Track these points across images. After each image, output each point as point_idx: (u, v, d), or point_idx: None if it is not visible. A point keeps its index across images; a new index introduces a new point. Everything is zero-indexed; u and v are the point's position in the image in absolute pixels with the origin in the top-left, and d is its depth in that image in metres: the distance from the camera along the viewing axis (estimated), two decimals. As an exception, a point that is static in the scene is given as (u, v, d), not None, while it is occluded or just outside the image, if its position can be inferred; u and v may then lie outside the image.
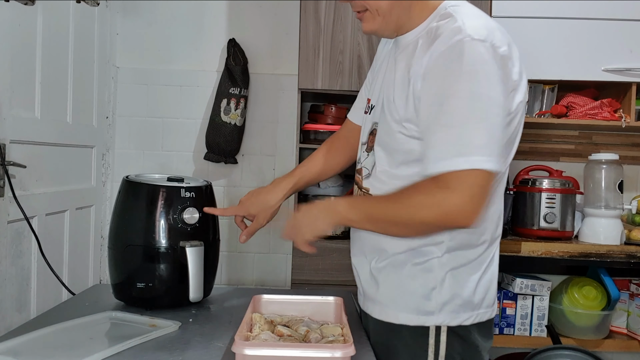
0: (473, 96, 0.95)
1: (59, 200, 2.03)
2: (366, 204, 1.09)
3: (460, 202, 0.94)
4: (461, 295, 1.09)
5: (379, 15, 1.08)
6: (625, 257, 2.14)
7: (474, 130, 0.95)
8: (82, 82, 2.24)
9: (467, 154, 0.94)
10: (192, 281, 1.23)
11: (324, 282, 2.08)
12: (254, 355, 0.89)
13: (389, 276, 1.13)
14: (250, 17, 2.61)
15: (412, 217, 1.00)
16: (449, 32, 0.98)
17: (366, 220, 1.05)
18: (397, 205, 1.01)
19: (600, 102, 2.28)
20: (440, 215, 0.97)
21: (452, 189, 0.94)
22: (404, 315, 1.11)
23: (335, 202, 1.08)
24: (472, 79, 0.95)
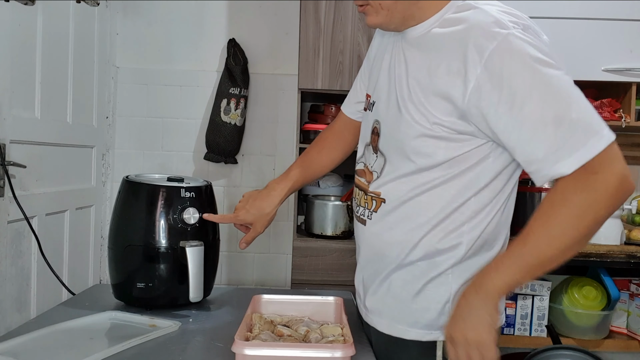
0: (559, 81, 0.88)
1: (59, 200, 2.03)
2: (520, 256, 0.90)
3: (621, 173, 0.86)
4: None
5: (382, 8, 1.01)
6: (625, 257, 2.14)
7: (584, 110, 0.88)
8: (82, 82, 2.24)
9: (597, 134, 0.86)
10: (192, 281, 1.23)
11: (324, 282, 2.08)
12: (254, 355, 0.89)
13: (398, 290, 1.08)
14: (250, 17, 2.61)
15: (582, 227, 0.87)
16: (487, 27, 0.91)
17: (532, 269, 0.90)
18: (558, 229, 0.88)
19: (600, 102, 2.28)
20: (613, 200, 0.87)
21: (602, 169, 0.85)
22: (415, 331, 1.07)
23: (483, 280, 0.92)
24: (545, 67, 0.88)
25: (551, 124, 0.87)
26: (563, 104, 0.87)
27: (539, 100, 0.87)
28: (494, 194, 1.02)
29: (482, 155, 0.99)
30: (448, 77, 0.94)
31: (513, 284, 0.91)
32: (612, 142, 0.87)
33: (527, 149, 0.90)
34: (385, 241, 1.08)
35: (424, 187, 1.02)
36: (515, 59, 0.89)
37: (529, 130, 0.89)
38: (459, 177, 1.00)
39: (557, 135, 0.86)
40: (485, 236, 1.03)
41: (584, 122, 0.86)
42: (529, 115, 0.88)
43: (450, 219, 1.02)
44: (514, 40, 0.89)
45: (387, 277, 1.09)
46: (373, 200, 1.10)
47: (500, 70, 0.89)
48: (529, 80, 0.88)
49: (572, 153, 0.86)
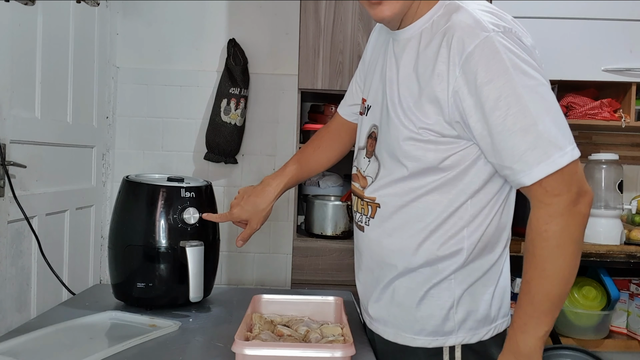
0: (529, 91, 0.88)
1: (59, 200, 2.03)
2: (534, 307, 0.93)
3: (575, 193, 0.88)
4: (478, 310, 1.03)
5: None
6: (625, 257, 2.14)
7: (551, 123, 0.88)
8: (82, 82, 2.24)
9: (560, 149, 0.87)
10: (192, 281, 1.23)
11: (324, 282, 2.08)
12: (254, 355, 0.89)
13: (402, 297, 1.06)
14: (250, 17, 2.61)
15: (568, 254, 0.90)
16: (468, 28, 0.91)
17: (551, 312, 0.92)
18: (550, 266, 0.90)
19: (600, 102, 2.28)
20: (579, 218, 0.90)
21: (559, 192, 0.88)
22: (421, 338, 1.05)
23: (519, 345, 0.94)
24: (515, 73, 0.88)
25: (517, 134, 0.88)
26: (531, 116, 0.87)
27: (507, 109, 0.88)
28: (491, 197, 1.01)
29: (472, 158, 0.98)
30: (434, 80, 0.95)
31: (544, 334, 0.92)
32: (575, 159, 0.88)
33: (497, 155, 0.92)
34: (385, 248, 1.06)
35: (418, 192, 1.01)
36: (490, 65, 0.88)
37: (497, 138, 0.90)
38: (452, 181, 0.99)
39: (522, 146, 0.88)
40: (485, 239, 1.02)
41: (549, 135, 0.87)
42: (497, 123, 0.89)
43: (449, 224, 1.01)
44: (492, 45, 0.89)
45: (390, 285, 1.07)
46: (369, 205, 1.08)
47: (475, 75, 0.89)
48: (501, 88, 0.88)
49: (533, 166, 0.87)
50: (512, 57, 0.88)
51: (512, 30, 0.92)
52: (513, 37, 0.91)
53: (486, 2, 1.00)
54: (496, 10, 0.96)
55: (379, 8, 0.99)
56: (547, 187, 0.88)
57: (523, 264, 0.94)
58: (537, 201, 0.90)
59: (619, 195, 2.24)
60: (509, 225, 1.07)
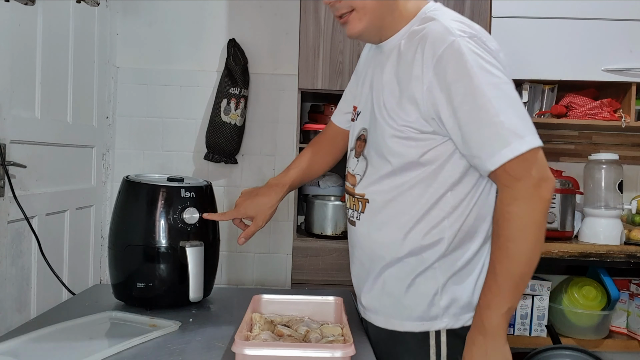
0: (488, 87, 0.98)
1: (59, 200, 2.03)
2: (497, 284, 1.00)
3: (537, 179, 0.96)
4: (461, 297, 1.10)
5: (365, 14, 1.08)
6: (625, 257, 2.14)
7: (513, 114, 0.97)
8: (82, 82, 2.24)
9: (519, 137, 0.96)
10: (192, 281, 1.23)
11: (324, 282, 2.08)
12: (254, 355, 0.89)
13: (391, 287, 1.13)
14: (250, 17, 2.61)
15: (530, 235, 0.97)
16: (438, 35, 1.01)
17: (514, 290, 1.00)
18: (512, 246, 0.98)
19: (600, 102, 2.28)
20: (540, 203, 0.97)
21: (522, 176, 0.96)
22: (409, 323, 1.12)
23: (484, 321, 1.01)
24: (480, 72, 0.98)
25: (482, 125, 0.98)
26: (494, 108, 0.97)
27: (473, 104, 0.98)
28: (469, 189, 1.08)
29: (448, 152, 1.06)
30: (412, 83, 1.04)
31: (508, 311, 1.00)
32: (535, 147, 0.96)
33: (466, 146, 1.01)
34: (375, 241, 1.14)
35: (403, 187, 1.09)
36: (458, 65, 0.98)
37: (465, 130, 1.00)
38: (432, 175, 1.07)
39: (486, 135, 0.98)
40: (465, 229, 1.09)
41: (510, 125, 0.96)
42: (464, 117, 0.99)
43: (431, 215, 1.08)
44: (458, 48, 0.99)
45: (380, 275, 1.14)
46: (359, 201, 1.17)
47: (445, 75, 0.99)
48: (467, 85, 0.98)
49: (496, 152, 0.97)
50: (476, 58, 0.99)
51: (477, 36, 1.02)
52: (478, 41, 1.01)
53: (458, 14, 1.11)
54: (466, 20, 1.08)
55: (347, 27, 1.11)
56: (510, 171, 0.96)
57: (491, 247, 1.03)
58: (502, 185, 0.99)
59: (619, 195, 2.24)
60: (489, 217, 1.12)
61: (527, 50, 2.22)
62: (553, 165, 2.52)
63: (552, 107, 2.32)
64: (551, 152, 2.63)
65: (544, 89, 2.35)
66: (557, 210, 2.24)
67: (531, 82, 2.31)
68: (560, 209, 2.24)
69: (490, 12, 2.18)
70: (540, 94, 2.36)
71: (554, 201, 2.24)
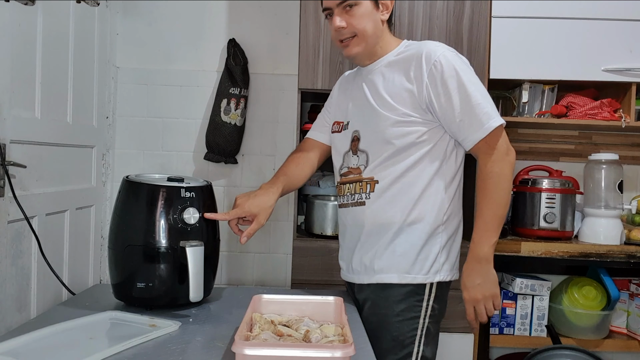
0: (472, 83, 1.35)
1: (59, 200, 2.03)
2: (486, 223, 1.35)
3: (506, 148, 1.35)
4: (453, 256, 1.44)
5: (364, 40, 1.40)
6: (625, 257, 2.14)
7: (485, 102, 1.34)
8: (82, 82, 2.24)
9: (491, 118, 1.33)
10: (192, 281, 1.23)
11: (324, 282, 2.08)
12: (254, 355, 0.89)
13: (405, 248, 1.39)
14: (250, 17, 2.61)
15: (505, 186, 1.35)
16: (432, 50, 1.36)
17: (497, 228, 1.35)
18: (494, 194, 1.34)
19: (600, 102, 2.28)
20: (509, 165, 1.35)
21: (497, 145, 1.34)
22: (420, 276, 1.38)
23: (478, 252, 1.36)
24: (465, 73, 1.35)
25: (470, 109, 1.33)
26: (476, 98, 1.33)
27: (463, 94, 1.33)
28: (458, 165, 1.43)
29: (439, 134, 1.39)
30: (411, 81, 1.37)
31: (493, 243, 1.35)
32: (503, 123, 1.34)
33: (454, 126, 1.36)
34: (388, 212, 1.39)
35: (407, 164, 1.38)
36: (450, 67, 1.34)
37: (459, 111, 1.34)
38: (429, 153, 1.38)
39: (472, 116, 1.33)
40: (456, 202, 1.44)
41: (487, 110, 1.34)
42: (454, 105, 1.34)
43: (433, 186, 1.39)
44: (449, 56, 1.36)
45: (393, 241, 1.39)
46: (367, 184, 1.43)
47: (442, 74, 1.34)
48: (454, 83, 1.33)
49: (479, 129, 1.33)
50: (460, 63, 1.37)
51: (456, 52, 1.40)
52: (457, 54, 1.40)
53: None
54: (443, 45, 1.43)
55: (347, 49, 1.43)
56: (489, 141, 1.34)
57: (476, 199, 1.38)
58: (483, 154, 1.35)
59: (619, 195, 2.24)
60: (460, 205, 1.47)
61: (527, 50, 2.22)
62: (553, 165, 2.52)
63: (552, 107, 2.32)
64: (551, 152, 2.63)
65: (544, 89, 2.35)
66: (557, 210, 2.24)
67: (531, 82, 2.31)
68: (560, 209, 2.24)
69: (490, 12, 2.18)
70: (540, 94, 2.36)
71: (554, 201, 2.24)
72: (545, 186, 2.27)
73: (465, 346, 2.10)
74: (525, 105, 2.34)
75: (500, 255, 2.15)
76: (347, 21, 1.39)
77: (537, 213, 2.25)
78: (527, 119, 2.33)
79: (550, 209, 2.24)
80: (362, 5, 1.38)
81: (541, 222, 2.25)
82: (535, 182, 2.29)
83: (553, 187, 2.26)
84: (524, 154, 2.61)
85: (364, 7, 1.38)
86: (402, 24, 2.13)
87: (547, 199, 2.24)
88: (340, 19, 1.39)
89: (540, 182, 2.28)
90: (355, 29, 1.39)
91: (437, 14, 2.14)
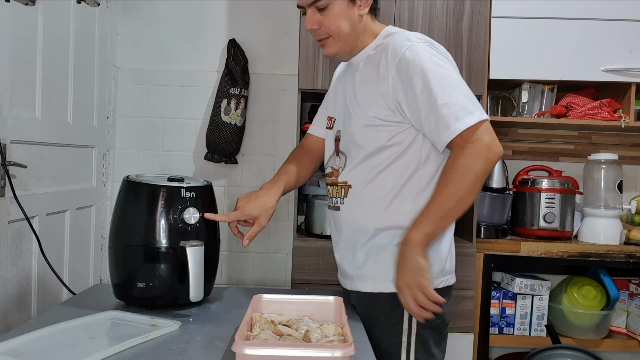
0: (447, 76, 1.22)
1: (59, 200, 2.04)
2: (428, 211, 1.21)
3: (486, 142, 1.18)
4: (436, 264, 1.30)
5: (340, 40, 1.32)
6: (625, 257, 2.14)
7: (463, 97, 1.21)
8: (82, 82, 2.24)
9: (470, 113, 1.19)
10: (192, 281, 1.23)
11: (324, 282, 2.08)
12: (254, 354, 0.89)
13: (377, 255, 1.32)
14: (250, 17, 2.61)
15: (468, 180, 1.18)
16: (399, 43, 1.26)
17: (441, 219, 1.21)
18: (454, 184, 1.19)
19: (599, 102, 2.28)
20: (483, 162, 1.18)
21: (475, 138, 1.18)
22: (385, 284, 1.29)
23: (407, 239, 1.21)
24: (433, 66, 1.22)
25: (440, 107, 1.20)
26: (446, 94, 1.20)
27: (429, 92, 1.20)
28: (436, 167, 1.30)
29: (412, 137, 1.29)
30: (379, 81, 1.28)
31: (429, 234, 1.21)
32: (482, 119, 1.19)
33: (425, 125, 1.24)
34: (360, 218, 1.33)
35: (378, 168, 1.31)
36: (416, 62, 1.22)
37: (424, 112, 1.22)
38: (401, 156, 1.29)
39: (443, 114, 1.20)
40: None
41: (461, 105, 1.19)
42: (424, 103, 1.22)
43: (405, 190, 1.29)
44: (416, 49, 1.24)
45: (365, 245, 1.33)
46: (342, 188, 1.38)
47: (406, 72, 1.23)
48: (423, 79, 1.21)
49: (450, 126, 1.19)
50: (430, 56, 1.23)
51: (430, 41, 1.28)
52: (430, 45, 1.28)
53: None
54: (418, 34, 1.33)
55: (324, 48, 1.35)
56: (465, 136, 1.18)
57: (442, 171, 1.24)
58: (457, 147, 1.20)
59: (618, 195, 2.24)
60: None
61: (527, 50, 2.22)
62: (552, 165, 2.52)
63: (552, 107, 2.32)
64: (551, 152, 2.63)
65: (544, 89, 2.35)
66: (557, 210, 2.24)
67: (531, 82, 2.31)
68: (560, 209, 2.24)
69: (490, 12, 2.18)
70: (540, 94, 2.36)
71: (554, 201, 2.24)
72: (545, 186, 2.27)
73: (465, 346, 2.11)
74: (524, 105, 2.34)
75: (500, 255, 2.16)
76: (320, 22, 1.30)
77: (537, 213, 2.25)
78: (527, 119, 2.33)
79: (550, 209, 2.24)
80: (335, 5, 1.28)
81: (541, 222, 2.25)
82: (535, 182, 2.29)
83: (553, 187, 2.26)
84: (524, 154, 2.61)
85: (338, 7, 1.29)
86: (402, 24, 2.13)
87: (547, 199, 2.24)
88: (311, 20, 1.30)
89: (539, 182, 2.29)
90: (329, 30, 1.31)
91: (437, 14, 2.14)
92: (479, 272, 2.15)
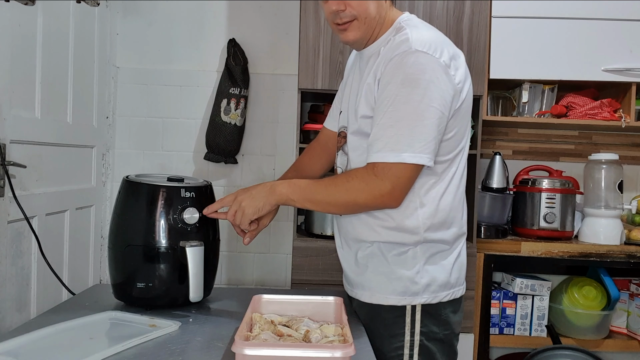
0: (410, 101, 1.12)
1: (59, 200, 2.03)
2: (308, 187, 1.21)
3: (387, 189, 1.13)
4: (440, 277, 1.24)
5: (365, 23, 1.22)
6: (625, 257, 2.14)
7: (407, 130, 1.12)
8: (82, 82, 2.24)
9: (398, 150, 1.12)
10: (192, 281, 1.23)
11: (324, 282, 2.08)
12: (254, 355, 0.89)
13: (376, 265, 1.25)
14: (250, 17, 2.61)
15: (347, 199, 1.17)
16: (398, 43, 1.17)
17: (307, 200, 1.20)
18: (336, 189, 1.18)
19: (600, 102, 2.28)
20: (370, 199, 1.15)
21: (381, 177, 1.13)
22: (392, 297, 1.24)
23: (276, 183, 1.23)
24: (412, 85, 1.12)
25: (383, 126, 1.14)
26: (395, 119, 1.13)
27: (386, 109, 1.14)
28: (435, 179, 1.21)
29: None
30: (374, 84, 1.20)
31: (288, 200, 1.21)
32: (404, 163, 1.12)
33: (371, 132, 1.18)
34: (357, 227, 1.27)
35: None
36: (394, 73, 1.14)
37: (375, 124, 1.16)
38: None
39: (381, 135, 1.14)
40: (440, 217, 1.22)
41: (399, 138, 1.12)
42: (379, 115, 1.16)
43: (405, 202, 1.20)
44: (403, 58, 1.13)
45: (364, 254, 1.27)
46: None
47: (385, 77, 1.16)
48: (392, 92, 1.13)
49: (374, 152, 1.15)
50: (413, 71, 1.12)
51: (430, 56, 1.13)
52: (430, 56, 1.14)
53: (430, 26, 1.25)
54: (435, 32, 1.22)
55: (345, 33, 1.24)
56: (376, 168, 1.14)
57: (346, 171, 1.25)
58: (368, 169, 1.15)
59: (619, 195, 2.24)
60: (463, 211, 1.29)
61: (527, 50, 2.22)
62: (553, 165, 2.52)
63: (552, 107, 2.32)
64: (551, 152, 2.63)
65: (544, 89, 2.35)
66: (557, 210, 2.24)
67: (531, 82, 2.31)
68: (560, 208, 2.24)
69: (490, 12, 2.18)
70: (540, 94, 2.36)
71: (554, 201, 2.24)
72: (545, 186, 2.27)
73: (465, 346, 2.10)
74: (525, 105, 2.34)
75: (501, 255, 2.16)
76: (346, 2, 1.20)
77: (537, 213, 2.25)
78: (527, 119, 2.33)
79: (550, 209, 2.24)
80: None
81: (541, 222, 2.25)
82: (535, 182, 2.29)
83: (553, 187, 2.26)
84: (524, 154, 2.61)
85: None
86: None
87: (547, 199, 2.24)
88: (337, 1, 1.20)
89: (540, 182, 2.28)
90: (355, 11, 1.20)
91: (437, 14, 2.13)
92: (479, 272, 2.15)
